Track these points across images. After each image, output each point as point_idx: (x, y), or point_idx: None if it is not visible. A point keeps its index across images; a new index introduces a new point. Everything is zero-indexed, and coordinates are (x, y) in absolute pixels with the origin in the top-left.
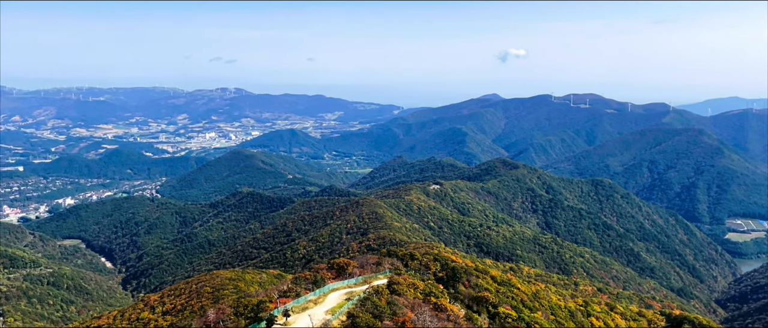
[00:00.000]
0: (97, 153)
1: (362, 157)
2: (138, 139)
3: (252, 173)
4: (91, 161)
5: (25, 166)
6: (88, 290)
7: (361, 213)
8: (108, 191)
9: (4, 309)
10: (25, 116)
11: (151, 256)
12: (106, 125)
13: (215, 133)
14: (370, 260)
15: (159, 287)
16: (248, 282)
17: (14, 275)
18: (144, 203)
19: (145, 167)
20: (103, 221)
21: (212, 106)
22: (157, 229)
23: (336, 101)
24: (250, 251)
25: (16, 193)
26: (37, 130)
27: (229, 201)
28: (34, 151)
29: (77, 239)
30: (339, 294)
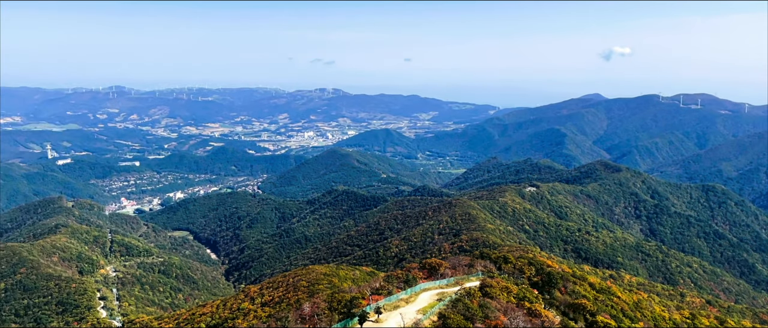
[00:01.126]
0: (204, 150)
1: (456, 157)
2: (242, 137)
3: (347, 172)
4: (199, 158)
5: (141, 161)
6: (195, 280)
7: (453, 214)
8: (214, 186)
9: (121, 293)
10: (142, 115)
11: (252, 249)
12: (213, 124)
13: (313, 133)
14: (463, 261)
15: (258, 279)
16: (342, 278)
17: (130, 262)
18: (246, 199)
19: (248, 164)
20: (209, 215)
21: (311, 106)
22: (257, 223)
23: (431, 101)
24: (344, 248)
25: (132, 186)
26: (152, 128)
27: (325, 198)
28: (149, 147)
29: (185, 231)
30: (430, 294)
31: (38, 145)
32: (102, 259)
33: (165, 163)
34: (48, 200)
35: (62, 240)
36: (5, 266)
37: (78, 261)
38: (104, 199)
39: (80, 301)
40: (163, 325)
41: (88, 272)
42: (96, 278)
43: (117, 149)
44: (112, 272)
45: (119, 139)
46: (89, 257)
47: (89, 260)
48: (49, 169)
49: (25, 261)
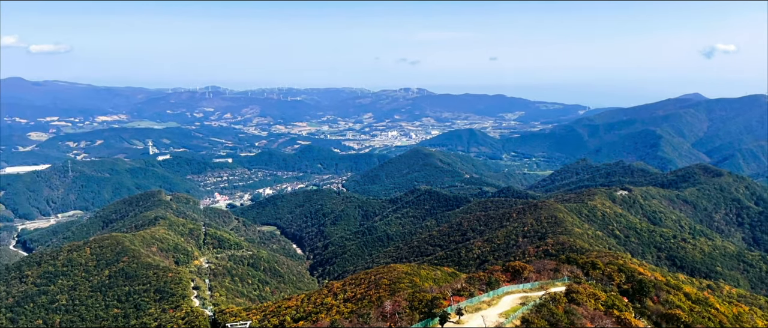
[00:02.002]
0: (292, 148)
1: (542, 158)
2: (328, 136)
3: (430, 171)
4: (287, 156)
5: (234, 158)
6: (281, 273)
7: (539, 216)
8: (300, 183)
9: (212, 284)
10: (235, 114)
11: (336, 246)
12: (301, 123)
13: (397, 132)
14: (548, 265)
15: (341, 275)
16: (423, 278)
17: (221, 254)
18: (331, 196)
19: (334, 162)
20: (296, 211)
21: (395, 106)
22: (341, 221)
23: (517, 101)
24: (425, 248)
25: (225, 182)
26: (244, 126)
27: (408, 198)
28: (241, 145)
29: (273, 226)
30: (513, 298)
31: (141, 142)
32: (196, 250)
33: (255, 160)
34: (149, 194)
35: (161, 232)
36: (110, 255)
37: (174, 252)
38: (199, 193)
39: (176, 290)
40: (251, 316)
41: (183, 263)
42: (190, 268)
43: (211, 146)
44: (205, 264)
45: (214, 137)
46: (185, 248)
47: (185, 251)
48: (150, 164)
49: (127, 250)
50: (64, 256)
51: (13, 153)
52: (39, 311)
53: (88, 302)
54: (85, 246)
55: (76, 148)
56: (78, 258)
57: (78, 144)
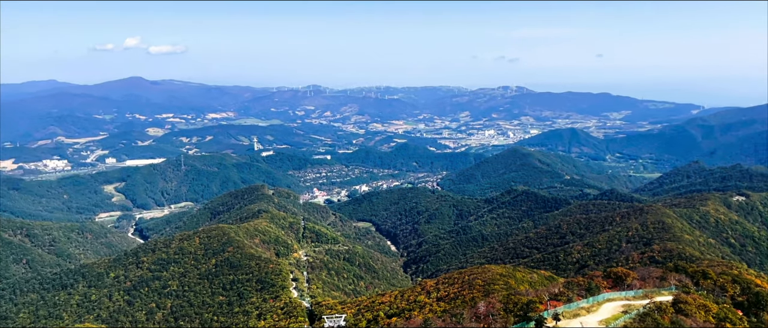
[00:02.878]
0: (389, 146)
1: (650, 160)
2: (424, 134)
3: (528, 172)
4: (383, 153)
5: (332, 155)
6: (375, 269)
7: (644, 221)
8: (396, 181)
9: (310, 277)
10: (334, 112)
11: (430, 244)
12: (397, 121)
13: (494, 131)
14: (653, 273)
15: (435, 274)
16: (518, 280)
17: (319, 248)
18: (426, 194)
19: (429, 160)
20: (391, 208)
21: (493, 104)
22: (436, 219)
23: (623, 100)
24: (521, 249)
25: (324, 178)
26: (342, 124)
27: (504, 198)
28: (339, 142)
29: (369, 222)
30: (614, 305)
31: (247, 138)
32: (295, 243)
33: (353, 157)
34: (253, 188)
35: (263, 224)
36: (216, 245)
37: (275, 244)
38: (299, 189)
39: (276, 281)
40: (346, 310)
41: (283, 255)
42: (290, 260)
43: (312, 143)
44: (304, 257)
45: (314, 134)
46: (285, 241)
47: (285, 244)
48: (254, 159)
49: (232, 241)
50: (176, 244)
51: (133, 147)
52: (152, 295)
53: (196, 289)
54: (195, 236)
55: (189, 144)
56: (188, 247)
57: (190, 139)
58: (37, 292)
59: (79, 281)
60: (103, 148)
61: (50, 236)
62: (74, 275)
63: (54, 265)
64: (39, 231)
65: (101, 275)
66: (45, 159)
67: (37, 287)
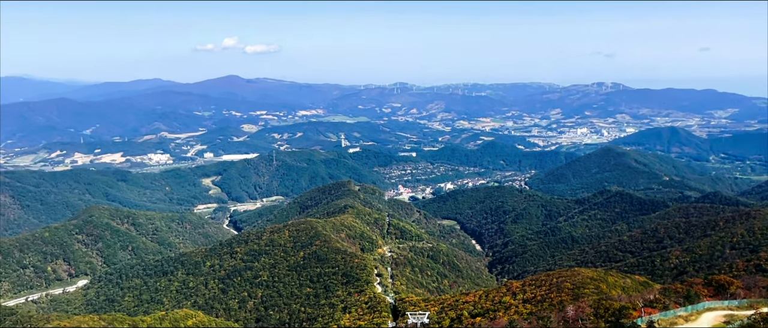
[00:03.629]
0: (475, 144)
1: (759, 162)
2: (512, 132)
3: (622, 172)
4: (469, 151)
5: (418, 152)
6: (459, 268)
7: (751, 227)
8: (482, 179)
9: (394, 273)
10: (421, 109)
11: (516, 244)
12: (485, 118)
13: (587, 129)
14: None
15: (521, 275)
16: (611, 285)
17: (403, 245)
18: (513, 194)
19: (517, 159)
20: (476, 207)
21: (586, 102)
22: (522, 219)
23: (729, 97)
24: (614, 253)
25: (409, 175)
26: (428, 121)
27: (596, 199)
28: (425, 139)
29: (453, 221)
30: (715, 315)
31: (334, 135)
32: (380, 239)
33: (438, 155)
34: (340, 183)
35: (349, 219)
36: (305, 238)
37: (361, 239)
38: (384, 185)
39: (361, 275)
40: (430, 307)
41: (368, 250)
42: (374, 256)
43: (397, 141)
44: (388, 253)
45: (400, 131)
46: (370, 236)
47: (370, 239)
48: (342, 156)
49: (319, 235)
50: (267, 236)
51: (229, 143)
52: (244, 284)
53: (285, 280)
54: (285, 229)
55: (280, 140)
56: (278, 239)
57: (281, 136)
58: (141, 277)
59: (179, 268)
60: (201, 143)
61: (153, 226)
62: (174, 263)
63: (156, 252)
64: (143, 220)
65: (198, 263)
66: (150, 153)
67: (140, 272)
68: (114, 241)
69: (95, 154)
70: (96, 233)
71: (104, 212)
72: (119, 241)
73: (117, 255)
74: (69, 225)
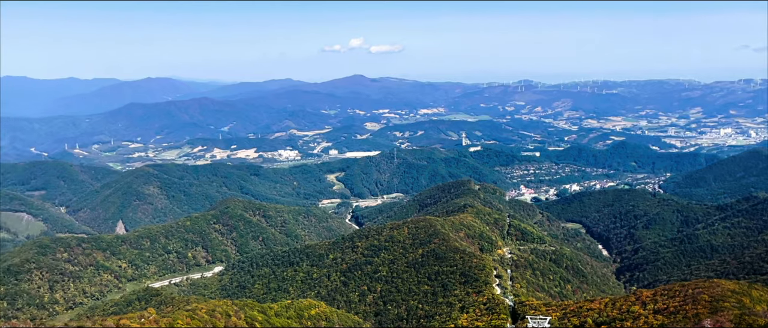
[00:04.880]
0: (604, 144)
1: None
2: (645, 132)
3: None
4: (597, 151)
5: (541, 152)
6: (584, 273)
7: None
8: (610, 182)
9: (514, 275)
10: (546, 107)
11: (647, 251)
12: (615, 117)
13: (731, 129)
14: None
15: (652, 284)
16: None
17: (524, 247)
18: (645, 197)
19: (650, 160)
20: (604, 210)
21: (731, 100)
22: (655, 224)
23: None
24: (760, 265)
25: (531, 175)
26: (554, 120)
27: (741, 205)
28: (549, 139)
29: (578, 224)
30: None
31: (455, 133)
32: (500, 240)
33: (563, 155)
34: (459, 182)
35: (468, 219)
36: (423, 236)
37: (480, 239)
38: (505, 185)
39: (479, 275)
40: (551, 312)
41: (487, 251)
42: (494, 257)
43: (520, 140)
44: (508, 254)
45: (523, 130)
46: (489, 236)
47: (489, 240)
48: (462, 154)
49: (438, 233)
50: (387, 232)
51: (352, 140)
52: (365, 278)
53: (403, 276)
54: (404, 226)
55: (401, 138)
56: (397, 236)
57: (403, 134)
58: (270, 266)
59: (304, 260)
60: (327, 140)
61: (282, 218)
62: (300, 255)
63: (284, 244)
64: (273, 213)
65: (322, 256)
66: (280, 149)
67: (269, 262)
68: (247, 231)
69: (232, 150)
70: (231, 223)
71: (238, 204)
72: (251, 231)
73: (249, 245)
74: (208, 215)
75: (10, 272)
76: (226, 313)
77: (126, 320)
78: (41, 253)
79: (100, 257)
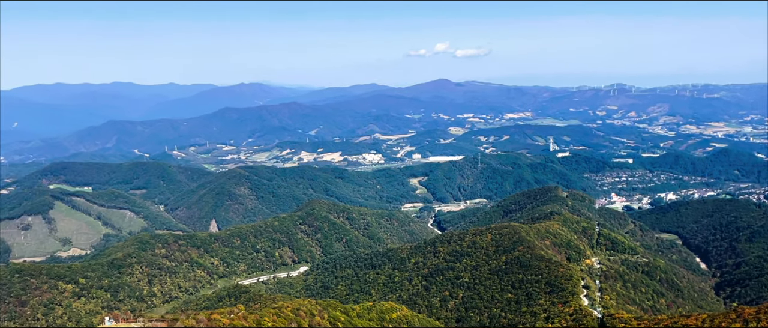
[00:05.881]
0: (703, 151)
1: None
2: (750, 138)
3: None
4: (696, 159)
5: (635, 158)
6: (679, 287)
7: None
8: (710, 191)
9: (603, 286)
10: (640, 112)
11: (750, 266)
12: (717, 123)
13: None
14: None
15: (755, 301)
16: None
17: (614, 257)
18: (749, 208)
19: (755, 169)
20: (702, 221)
21: None
22: (760, 237)
23: None
24: None
25: (623, 183)
26: (648, 125)
27: None
28: (643, 145)
29: (674, 235)
30: None
31: (542, 139)
32: (588, 249)
33: (658, 162)
34: (546, 189)
35: (555, 226)
36: (507, 243)
37: (567, 248)
38: (595, 193)
39: (566, 286)
40: (642, 326)
41: (574, 260)
42: (581, 266)
43: (612, 145)
44: (597, 264)
45: (615, 135)
46: (577, 245)
47: (577, 249)
48: (549, 160)
49: (523, 240)
50: (469, 238)
51: (436, 144)
52: (446, 284)
53: (486, 283)
54: (487, 232)
55: (486, 142)
56: (480, 242)
57: (487, 138)
58: (353, 268)
59: (386, 263)
60: (410, 144)
61: (365, 221)
62: (382, 257)
63: (366, 246)
64: (356, 215)
65: (404, 259)
66: (364, 153)
67: (352, 264)
68: (331, 233)
69: (318, 153)
70: (316, 224)
71: (324, 206)
72: (335, 233)
73: (333, 246)
74: (294, 216)
75: (114, 266)
76: (310, 312)
77: (217, 315)
78: (142, 249)
79: (195, 254)
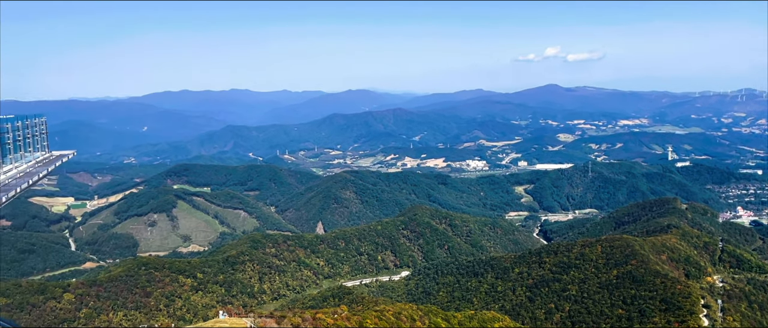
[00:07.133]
0: None
1: None
2: None
3: None
4: None
5: (765, 169)
6: None
7: None
8: None
9: (725, 306)
10: None
11: None
12: None
13: None
14: None
15: None
16: None
17: (739, 276)
18: None
19: None
20: None
21: None
22: None
23: None
24: None
25: (751, 195)
26: None
27: None
28: None
29: None
30: None
31: (660, 147)
32: (709, 266)
33: None
34: (663, 200)
35: (672, 241)
36: (619, 256)
37: (685, 264)
38: (718, 205)
39: (684, 304)
40: None
41: (694, 277)
42: (701, 284)
43: (738, 155)
44: (719, 283)
45: (742, 144)
46: (697, 261)
47: (696, 265)
48: (667, 170)
49: (636, 254)
50: (578, 250)
51: (543, 152)
52: (552, 296)
53: (595, 297)
54: (597, 244)
55: (597, 150)
56: (589, 254)
57: (599, 146)
58: (454, 275)
59: (488, 271)
60: (516, 151)
61: (467, 228)
62: (484, 265)
63: (468, 253)
64: (459, 222)
65: (507, 268)
66: (468, 159)
67: (454, 270)
68: (433, 238)
69: (421, 159)
70: (418, 229)
71: (426, 212)
72: (437, 239)
73: (434, 252)
74: (397, 221)
75: (228, 263)
76: (411, 317)
77: (321, 315)
78: (254, 247)
79: (302, 254)
